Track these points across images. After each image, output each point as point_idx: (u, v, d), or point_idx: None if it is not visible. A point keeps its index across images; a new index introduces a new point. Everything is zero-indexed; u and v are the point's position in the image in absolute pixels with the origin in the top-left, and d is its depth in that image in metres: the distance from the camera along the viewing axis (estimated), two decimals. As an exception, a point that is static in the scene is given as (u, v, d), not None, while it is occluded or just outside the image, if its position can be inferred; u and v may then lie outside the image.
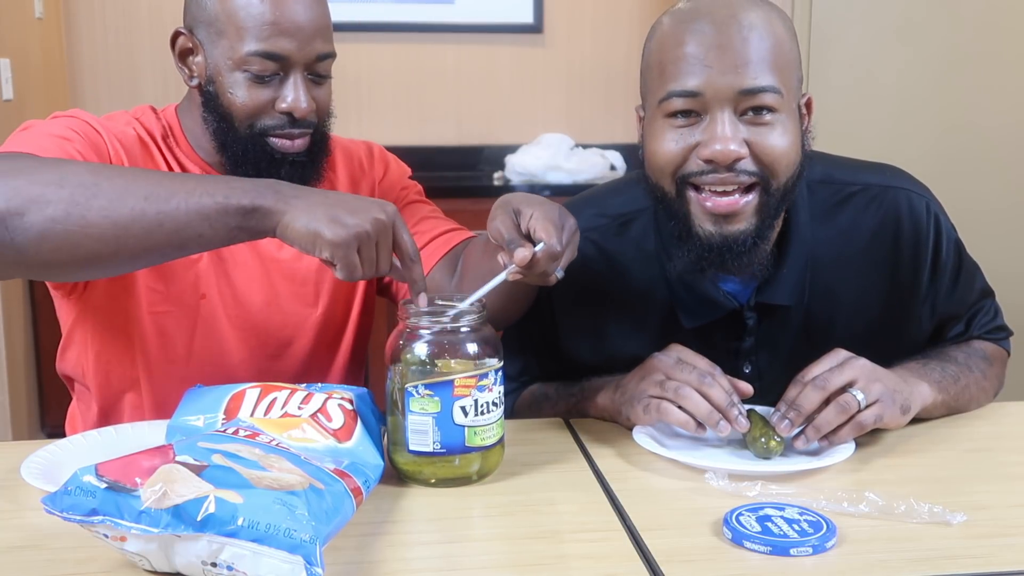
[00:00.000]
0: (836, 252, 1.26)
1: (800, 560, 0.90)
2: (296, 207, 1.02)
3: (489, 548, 0.95)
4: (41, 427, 3.03)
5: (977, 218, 2.98)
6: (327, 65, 1.28)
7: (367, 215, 1.01)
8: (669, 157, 1.15)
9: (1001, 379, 1.38)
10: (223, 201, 1.02)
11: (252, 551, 0.79)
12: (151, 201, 1.01)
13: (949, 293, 1.32)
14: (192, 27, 1.27)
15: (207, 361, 1.32)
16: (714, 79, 1.10)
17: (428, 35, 3.47)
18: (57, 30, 3.30)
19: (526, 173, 3.25)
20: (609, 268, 1.29)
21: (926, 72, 3.08)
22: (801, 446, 1.12)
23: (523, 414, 1.37)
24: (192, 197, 1.02)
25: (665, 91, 1.13)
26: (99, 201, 1.00)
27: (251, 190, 1.03)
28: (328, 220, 1.00)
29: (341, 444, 1.02)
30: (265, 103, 1.24)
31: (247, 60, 1.22)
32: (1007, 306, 1.44)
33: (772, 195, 1.15)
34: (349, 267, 1.01)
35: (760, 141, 1.12)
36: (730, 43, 1.10)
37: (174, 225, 1.01)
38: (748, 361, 1.29)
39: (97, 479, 0.82)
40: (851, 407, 1.11)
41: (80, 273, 1.12)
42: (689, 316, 1.27)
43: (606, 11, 3.56)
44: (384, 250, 1.03)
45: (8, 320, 2.79)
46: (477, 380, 1.03)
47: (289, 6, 1.22)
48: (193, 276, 1.29)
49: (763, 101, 1.11)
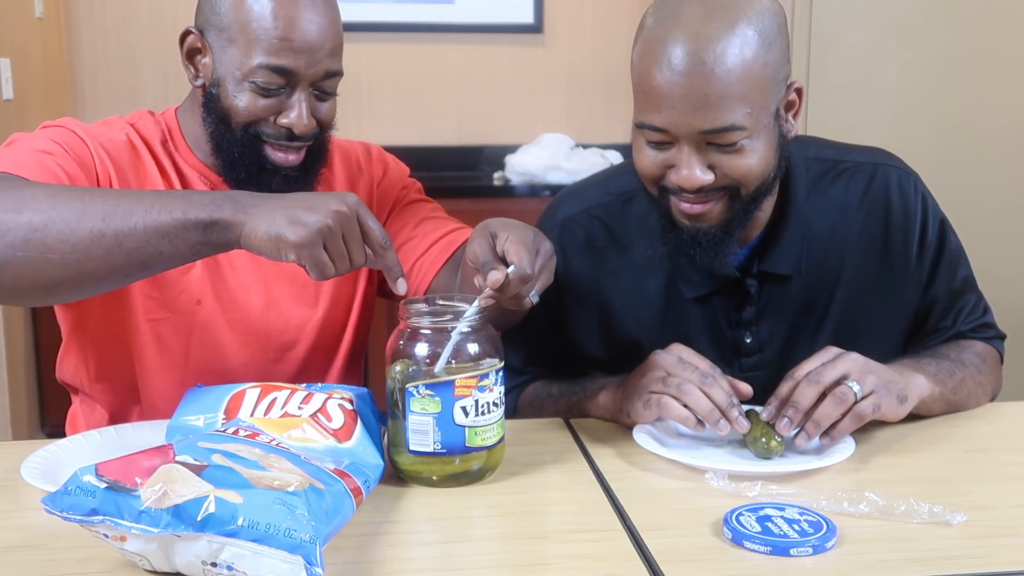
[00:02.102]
0: (829, 226, 1.31)
1: (800, 560, 0.90)
2: (255, 215, 1.01)
3: (489, 548, 0.95)
4: (41, 427, 3.03)
5: (977, 218, 2.98)
6: (334, 82, 1.28)
7: (326, 209, 1.00)
8: (647, 172, 1.20)
9: (998, 379, 1.38)
10: (181, 217, 1.01)
11: (252, 551, 0.79)
12: (108, 221, 1.01)
13: (933, 271, 1.34)
14: (203, 28, 1.27)
15: (206, 367, 1.31)
16: (676, 119, 1.13)
17: (428, 35, 3.47)
18: (57, 30, 3.30)
19: (526, 173, 3.25)
20: (614, 243, 1.34)
21: (926, 72, 3.08)
22: (802, 444, 1.13)
23: (525, 412, 1.38)
24: (150, 215, 1.01)
25: (639, 119, 1.18)
26: (57, 227, 1.00)
27: (209, 204, 1.02)
28: (288, 222, 0.99)
29: (341, 444, 1.02)
30: (266, 114, 1.24)
31: (255, 72, 1.22)
32: (1007, 306, 1.44)
33: (740, 199, 1.19)
34: (319, 265, 1.01)
35: (727, 164, 1.16)
36: (692, 84, 1.11)
37: (133, 244, 1.01)
38: (749, 331, 1.31)
39: (97, 479, 0.82)
40: (848, 398, 1.12)
41: (45, 298, 1.10)
42: (690, 286, 1.30)
43: (606, 11, 3.56)
44: (353, 242, 1.02)
45: (8, 321, 2.79)
46: (478, 380, 1.03)
47: (302, 24, 1.21)
48: (187, 283, 1.29)
49: (726, 138, 1.14)
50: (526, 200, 3.17)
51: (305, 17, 1.21)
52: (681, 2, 1.15)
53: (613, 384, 1.26)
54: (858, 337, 1.30)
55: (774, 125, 1.18)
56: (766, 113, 1.16)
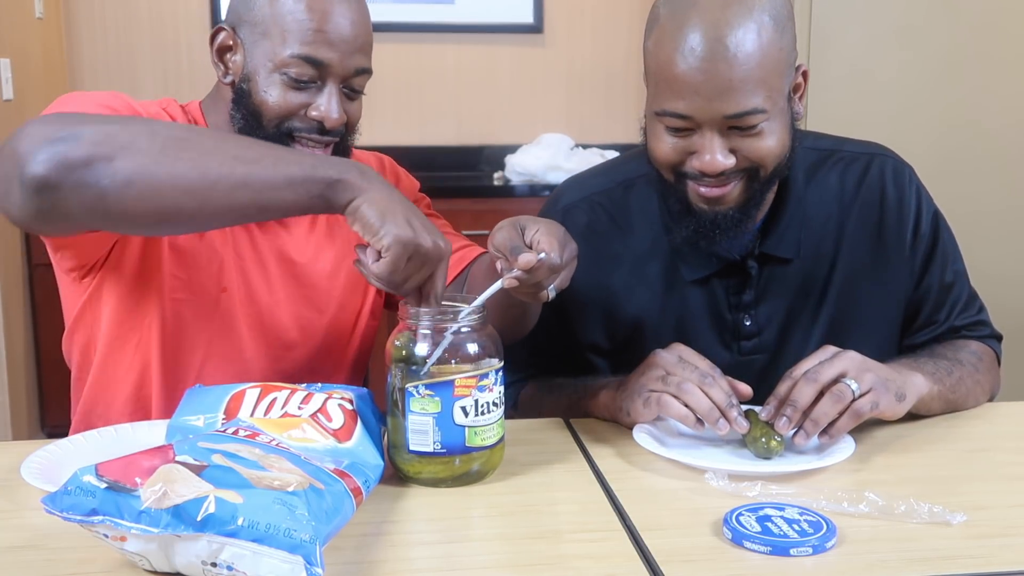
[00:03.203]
0: (826, 212, 1.34)
1: (800, 560, 0.90)
2: (377, 190, 1.03)
3: (489, 548, 0.95)
4: (41, 427, 3.03)
5: (977, 218, 2.98)
6: (363, 80, 1.29)
7: (433, 237, 1.03)
8: (666, 159, 1.23)
9: (996, 379, 1.38)
10: (310, 171, 1.03)
11: (252, 551, 0.79)
12: (239, 162, 1.03)
13: (927, 262, 1.36)
14: (235, 25, 1.27)
15: (221, 355, 1.31)
16: (701, 105, 1.16)
17: (428, 35, 3.47)
18: (57, 30, 3.30)
19: (526, 173, 3.25)
20: (615, 228, 1.37)
21: (925, 72, 3.08)
22: (801, 442, 1.13)
23: (525, 409, 1.38)
24: (280, 164, 1.04)
25: (659, 107, 1.20)
26: (189, 154, 1.02)
27: (337, 164, 1.05)
28: (403, 218, 1.01)
29: (341, 444, 1.02)
30: (297, 107, 1.24)
31: (288, 63, 1.22)
32: (1007, 306, 1.44)
33: (759, 180, 1.22)
34: (393, 264, 1.01)
35: (748, 147, 1.19)
36: (716, 70, 1.14)
37: (260, 186, 1.03)
38: (748, 314, 1.33)
39: (97, 479, 0.82)
40: (845, 396, 1.12)
41: (154, 227, 1.10)
42: (690, 268, 1.32)
43: (606, 11, 3.56)
44: (420, 276, 1.04)
45: (8, 321, 2.79)
46: (477, 380, 1.04)
47: (336, 18, 1.23)
48: (216, 268, 1.29)
49: (748, 121, 1.17)
50: (526, 200, 3.17)
51: (339, 12, 1.23)
52: None
53: (613, 383, 1.26)
54: (854, 323, 1.32)
55: (787, 107, 1.22)
56: (782, 96, 1.20)
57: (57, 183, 0.98)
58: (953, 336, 1.38)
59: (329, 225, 1.40)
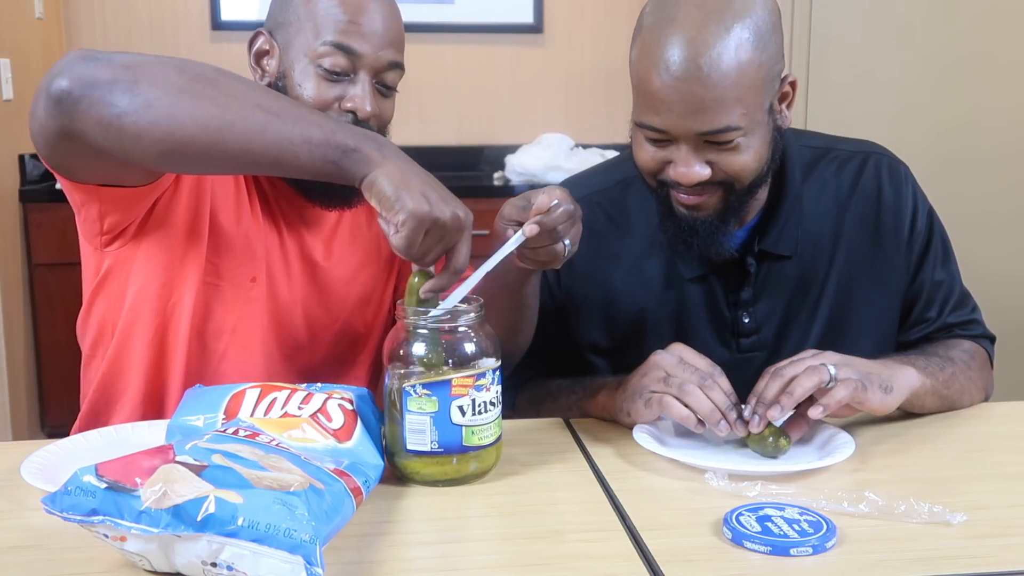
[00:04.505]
0: (823, 209, 1.34)
1: (800, 560, 0.90)
2: (393, 163, 1.03)
3: (489, 548, 0.95)
4: (41, 427, 3.03)
5: (976, 218, 2.98)
6: (395, 76, 1.31)
7: (452, 207, 1.03)
8: (647, 167, 1.25)
9: (989, 379, 1.38)
10: (329, 135, 1.03)
11: (252, 551, 0.79)
12: (261, 110, 1.03)
13: (921, 258, 1.36)
14: (272, 30, 1.30)
15: (242, 345, 1.30)
16: (675, 122, 1.17)
17: (428, 35, 3.47)
18: (57, 30, 3.30)
19: (526, 173, 3.25)
20: (614, 227, 1.38)
21: (925, 72, 3.08)
22: (774, 416, 1.12)
23: (525, 409, 1.38)
24: (301, 122, 1.04)
25: (638, 118, 1.21)
26: (214, 92, 1.03)
27: (357, 134, 1.05)
28: (419, 191, 1.01)
29: (341, 444, 1.02)
30: (331, 100, 1.25)
31: (322, 53, 1.24)
32: (1006, 306, 1.44)
33: (735, 192, 1.23)
34: (409, 239, 1.01)
35: (724, 161, 1.20)
36: (689, 90, 1.14)
37: (277, 137, 1.03)
38: (747, 312, 1.34)
39: (97, 479, 0.82)
40: (823, 373, 1.12)
41: (162, 158, 1.08)
42: (688, 266, 1.33)
43: (606, 11, 3.57)
44: (441, 248, 1.04)
45: (8, 321, 2.79)
46: (474, 380, 1.04)
47: (369, 13, 1.26)
48: (250, 257, 1.29)
49: (723, 138, 1.17)
50: (526, 200, 3.16)
51: (372, 8, 1.27)
52: (678, 2, 1.16)
53: (612, 384, 1.26)
54: (852, 320, 1.32)
55: (768, 120, 1.22)
56: (760, 111, 1.19)
57: (79, 96, 1.01)
58: (945, 334, 1.38)
59: (352, 231, 1.40)
